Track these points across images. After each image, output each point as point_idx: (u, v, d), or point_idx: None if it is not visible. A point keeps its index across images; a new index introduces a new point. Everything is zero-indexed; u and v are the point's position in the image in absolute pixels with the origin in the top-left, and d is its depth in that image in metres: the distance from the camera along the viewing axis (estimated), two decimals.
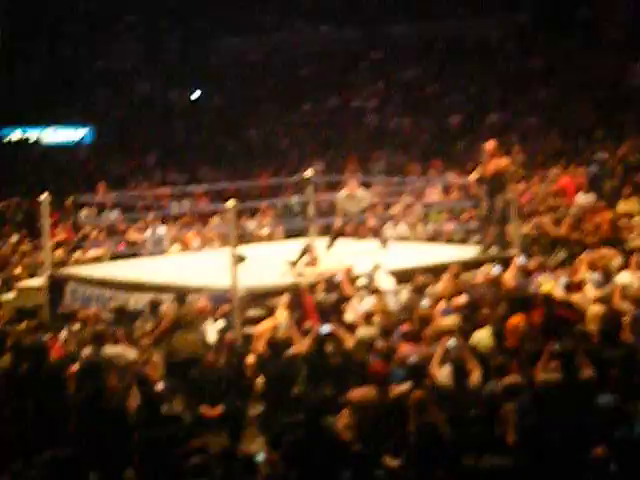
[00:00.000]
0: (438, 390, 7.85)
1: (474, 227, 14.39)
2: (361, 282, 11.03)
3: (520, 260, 11.56)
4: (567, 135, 19.03)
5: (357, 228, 14.17)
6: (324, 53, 26.41)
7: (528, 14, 24.86)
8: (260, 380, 9.22)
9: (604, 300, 9.86)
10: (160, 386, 8.56)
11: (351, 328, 9.74)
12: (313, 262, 11.86)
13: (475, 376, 8.11)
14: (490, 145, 12.65)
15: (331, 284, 10.93)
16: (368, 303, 10.46)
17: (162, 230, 14.92)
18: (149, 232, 14.89)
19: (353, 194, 13.54)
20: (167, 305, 10.79)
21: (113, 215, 16.58)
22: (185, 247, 15.29)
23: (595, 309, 9.64)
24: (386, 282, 11.14)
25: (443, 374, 8.22)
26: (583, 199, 15.18)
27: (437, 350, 8.54)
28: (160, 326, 10.20)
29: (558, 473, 6.84)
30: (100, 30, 27.89)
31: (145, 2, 28.17)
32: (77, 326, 10.43)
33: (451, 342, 8.54)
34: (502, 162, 12.50)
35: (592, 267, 11.08)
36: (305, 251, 11.93)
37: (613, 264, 11.28)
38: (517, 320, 9.21)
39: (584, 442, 6.77)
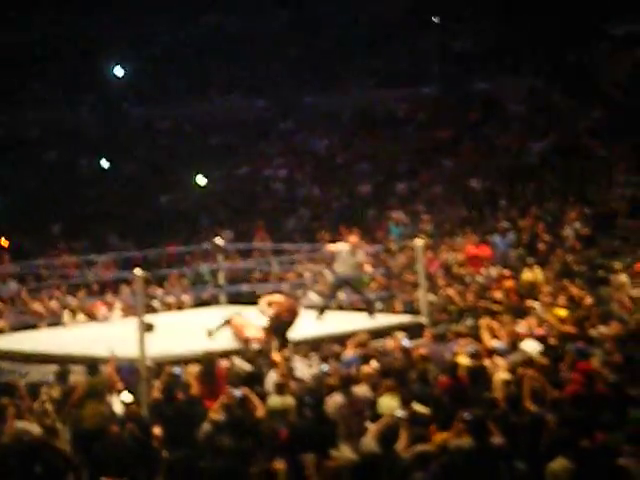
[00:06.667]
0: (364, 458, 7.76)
1: (383, 295, 14.53)
2: None
3: (429, 330, 11.67)
4: (472, 204, 19.39)
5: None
6: (235, 122, 26.57)
7: (435, 87, 25.51)
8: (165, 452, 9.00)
9: (509, 368, 9.99)
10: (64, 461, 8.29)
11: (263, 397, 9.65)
12: (239, 329, 11.80)
13: (402, 442, 8.05)
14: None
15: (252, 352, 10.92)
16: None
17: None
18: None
19: None
20: (76, 375, 10.54)
21: (14, 286, 16.15)
22: (91, 317, 14.96)
23: (501, 377, 9.75)
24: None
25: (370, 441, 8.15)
26: (489, 268, 15.43)
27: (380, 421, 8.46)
28: (72, 397, 9.97)
29: None
30: (6, 97, 27.44)
31: (53, 70, 27.95)
32: None
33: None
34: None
35: (497, 335, 11.25)
36: (226, 322, 11.90)
37: (518, 332, 11.44)
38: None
39: None
